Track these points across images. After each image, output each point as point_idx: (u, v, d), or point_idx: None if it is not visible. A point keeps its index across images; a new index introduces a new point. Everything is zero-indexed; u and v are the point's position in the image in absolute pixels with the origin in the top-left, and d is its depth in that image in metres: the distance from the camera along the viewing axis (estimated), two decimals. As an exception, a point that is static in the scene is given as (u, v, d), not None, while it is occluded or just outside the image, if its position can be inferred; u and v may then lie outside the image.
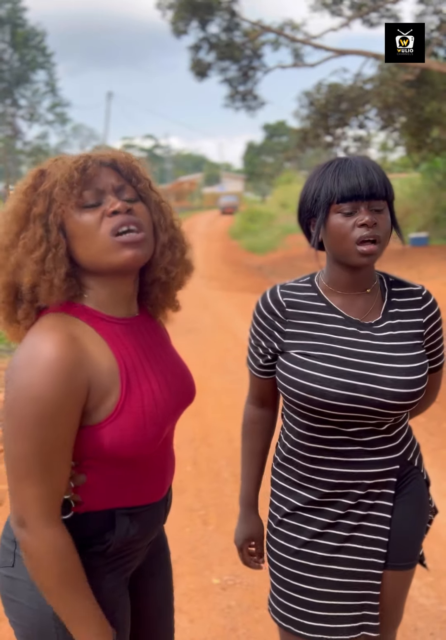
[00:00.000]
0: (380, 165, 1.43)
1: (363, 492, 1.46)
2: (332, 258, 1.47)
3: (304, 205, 1.47)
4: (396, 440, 1.49)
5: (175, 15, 15.97)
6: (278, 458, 1.59)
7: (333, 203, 1.39)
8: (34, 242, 1.14)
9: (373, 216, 1.37)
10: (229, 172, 74.62)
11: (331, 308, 1.47)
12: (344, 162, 1.40)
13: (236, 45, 16.28)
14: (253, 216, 30.85)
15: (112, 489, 1.23)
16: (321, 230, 1.44)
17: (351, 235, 1.38)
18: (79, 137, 56.11)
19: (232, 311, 9.55)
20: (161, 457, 1.32)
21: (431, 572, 2.90)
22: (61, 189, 1.14)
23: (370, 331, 1.45)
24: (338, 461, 1.45)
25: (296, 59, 16.51)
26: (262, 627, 2.55)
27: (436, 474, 3.90)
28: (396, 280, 1.55)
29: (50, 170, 1.18)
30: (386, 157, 30.20)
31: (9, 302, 1.19)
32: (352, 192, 1.36)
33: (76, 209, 1.16)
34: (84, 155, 1.19)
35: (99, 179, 1.18)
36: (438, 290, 9.88)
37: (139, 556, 1.37)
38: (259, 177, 54.33)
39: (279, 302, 1.49)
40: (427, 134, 16.19)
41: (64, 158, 1.20)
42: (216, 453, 4.41)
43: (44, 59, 40.99)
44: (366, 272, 1.47)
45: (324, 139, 16.90)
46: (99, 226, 1.16)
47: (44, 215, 1.15)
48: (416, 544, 1.56)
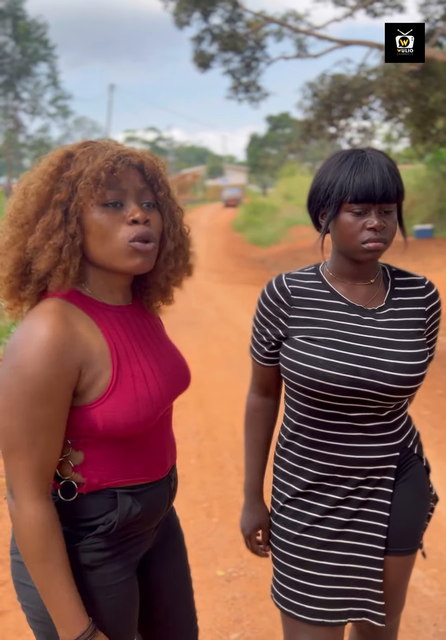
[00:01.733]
0: None
1: (363, 478, 1.48)
2: (337, 249, 1.50)
3: (316, 196, 1.48)
4: (397, 427, 1.51)
5: (177, 6, 15.90)
6: (280, 445, 1.61)
7: (345, 201, 1.40)
8: (53, 227, 1.17)
9: (382, 219, 1.40)
10: (233, 165, 74.47)
11: (335, 295, 1.50)
12: (361, 160, 1.40)
13: (238, 36, 16.21)
14: (257, 209, 30.81)
15: (112, 465, 1.25)
16: (330, 224, 1.47)
17: (359, 236, 1.41)
18: (81, 130, 56.02)
19: (235, 304, 9.55)
20: (158, 437, 1.35)
21: (435, 564, 2.91)
22: (86, 183, 1.16)
23: (373, 317, 1.48)
24: (338, 446, 1.47)
25: (300, 49, 16.44)
26: (266, 618, 2.56)
27: (441, 466, 3.90)
28: (399, 271, 1.59)
29: (77, 157, 1.19)
30: (391, 149, 30.09)
31: (16, 276, 1.21)
32: (366, 195, 1.38)
33: (96, 206, 1.18)
34: (114, 153, 1.19)
35: (124, 179, 1.20)
36: (442, 281, 9.84)
37: (147, 539, 1.38)
38: (263, 169, 54.20)
39: (284, 289, 1.52)
40: (432, 125, 16.11)
41: (95, 148, 1.21)
42: (220, 446, 4.42)
43: (45, 51, 40.87)
44: (369, 264, 1.50)
45: (328, 130, 16.84)
46: (118, 230, 1.19)
47: (65, 203, 1.17)
48: (417, 529, 1.57)
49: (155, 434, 1.33)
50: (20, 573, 1.28)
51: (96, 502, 1.25)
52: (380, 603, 1.51)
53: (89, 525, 1.25)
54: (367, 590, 1.51)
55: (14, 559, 1.30)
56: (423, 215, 17.57)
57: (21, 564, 1.26)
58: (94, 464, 1.24)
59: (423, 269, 11.02)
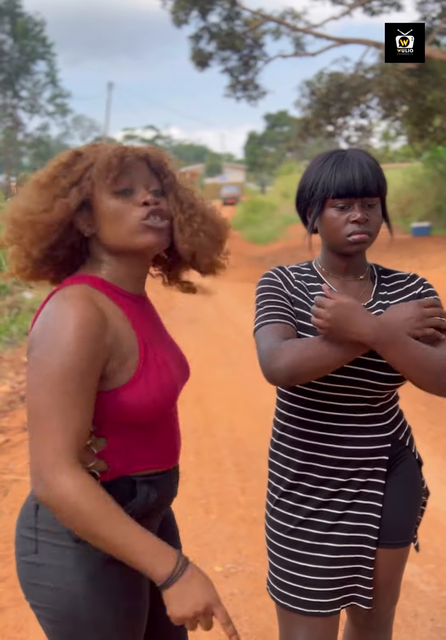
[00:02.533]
0: (380, 156, 1.47)
1: (355, 469, 1.51)
2: (326, 245, 1.57)
3: (302, 195, 1.55)
4: (388, 419, 1.54)
5: (175, 4, 15.90)
6: (274, 438, 1.63)
7: (328, 198, 1.47)
8: (68, 197, 1.25)
9: (365, 212, 1.46)
10: (231, 163, 74.42)
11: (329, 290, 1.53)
12: (341, 158, 1.47)
13: (236, 35, 16.22)
14: (255, 207, 30.81)
15: (132, 452, 1.28)
16: (316, 220, 1.53)
17: (343, 229, 1.47)
18: (80, 129, 55.96)
19: (234, 302, 9.56)
20: (171, 425, 1.40)
21: (432, 559, 2.93)
22: (98, 169, 1.25)
23: None
24: (329, 437, 1.50)
25: (297, 48, 16.46)
26: (264, 614, 2.58)
27: (437, 462, 3.93)
28: (385, 270, 1.65)
29: (87, 154, 1.29)
30: (388, 146, 30.11)
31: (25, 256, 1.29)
32: (347, 189, 1.44)
33: (108, 194, 1.27)
34: (122, 146, 1.29)
35: (133, 169, 1.29)
36: (439, 279, 9.89)
37: (154, 530, 1.39)
38: (261, 168, 54.18)
39: (288, 272, 1.58)
40: (429, 123, 16.13)
41: (103, 145, 1.32)
42: (218, 443, 4.44)
43: (44, 49, 40.78)
44: (357, 260, 1.55)
45: (326, 129, 16.88)
46: (130, 212, 1.27)
47: (75, 183, 1.26)
48: (409, 522, 1.60)
49: (169, 421, 1.38)
50: (34, 574, 1.27)
51: (116, 490, 1.24)
52: (367, 588, 1.54)
53: None
54: (357, 576, 1.54)
55: (23, 561, 1.29)
56: (420, 213, 17.59)
57: (34, 565, 1.26)
58: (116, 450, 1.26)
59: (420, 267, 11.05)
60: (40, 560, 1.26)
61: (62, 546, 1.25)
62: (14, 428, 4.84)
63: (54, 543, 1.25)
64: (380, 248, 1.86)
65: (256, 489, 3.58)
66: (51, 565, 1.24)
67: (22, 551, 1.29)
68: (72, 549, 1.24)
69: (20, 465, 4.16)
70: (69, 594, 1.23)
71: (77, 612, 1.24)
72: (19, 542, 1.30)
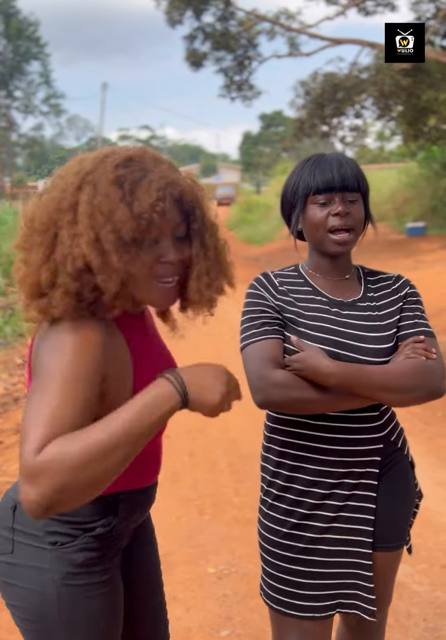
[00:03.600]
0: (375, 156, 1.50)
1: (346, 470, 1.50)
2: (312, 247, 1.60)
3: (286, 198, 1.61)
4: (380, 420, 1.54)
5: (169, 5, 15.88)
6: (264, 442, 1.63)
7: (309, 195, 1.53)
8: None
9: (346, 206, 1.50)
10: (226, 163, 74.42)
11: (316, 291, 1.59)
12: (320, 158, 1.55)
13: (231, 35, 16.21)
14: (250, 207, 30.82)
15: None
16: (300, 220, 1.57)
17: (325, 223, 1.51)
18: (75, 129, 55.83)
19: (230, 302, 9.54)
20: (156, 443, 1.38)
21: (424, 560, 2.94)
22: (139, 223, 1.12)
23: (351, 310, 1.56)
24: (320, 437, 1.50)
25: (292, 48, 16.46)
26: (257, 616, 2.58)
27: (431, 463, 3.93)
28: (371, 271, 1.68)
29: (123, 181, 1.14)
30: (383, 146, 30.17)
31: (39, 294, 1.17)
32: (326, 184, 1.50)
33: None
34: (161, 186, 1.15)
35: (167, 216, 1.17)
36: (434, 279, 9.92)
37: (127, 534, 1.40)
38: (256, 168, 54.22)
39: (272, 280, 1.59)
40: (424, 123, 16.16)
41: (132, 171, 1.15)
42: (212, 444, 4.43)
43: (38, 49, 40.69)
44: (343, 260, 1.59)
45: (321, 129, 16.90)
46: (151, 268, 1.18)
47: None
48: (403, 525, 1.60)
49: (154, 440, 1.32)
50: (8, 574, 1.27)
51: (98, 506, 1.25)
52: (370, 597, 1.52)
53: (87, 527, 1.26)
54: (357, 582, 1.53)
55: (0, 561, 1.29)
56: (415, 213, 17.62)
57: (9, 564, 1.27)
58: None
59: (415, 266, 11.07)
60: (16, 560, 1.26)
61: (38, 547, 1.25)
62: (7, 430, 4.83)
63: (30, 544, 1.25)
64: (375, 248, 1.87)
65: (250, 490, 3.57)
66: (26, 566, 1.25)
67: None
68: (48, 550, 1.24)
69: (13, 468, 4.15)
70: (41, 595, 1.23)
71: (49, 613, 1.24)
72: None
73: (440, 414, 4.82)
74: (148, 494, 1.39)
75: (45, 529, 1.25)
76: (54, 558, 1.24)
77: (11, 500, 1.31)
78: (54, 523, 1.24)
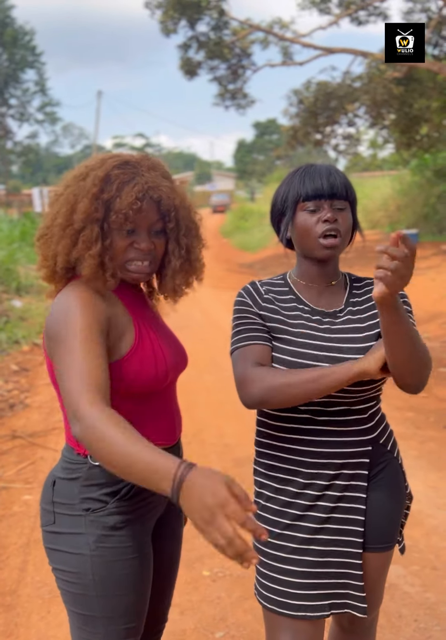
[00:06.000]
0: (368, 164, 1.53)
1: (335, 472, 1.53)
2: (301, 254, 1.63)
3: (275, 207, 1.65)
4: (369, 422, 1.57)
5: (164, 14, 15.93)
6: (255, 446, 1.66)
7: (299, 202, 1.57)
8: (91, 240, 1.41)
9: (334, 213, 1.54)
10: (221, 171, 74.56)
11: (299, 300, 1.62)
12: (309, 167, 1.60)
13: (225, 44, 16.27)
14: (245, 214, 30.89)
15: (133, 426, 1.31)
16: (289, 227, 1.61)
17: (314, 229, 1.55)
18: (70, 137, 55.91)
19: (223, 309, 9.59)
20: (168, 405, 1.56)
21: (416, 561, 2.97)
22: (117, 217, 1.40)
23: (332, 319, 1.59)
24: (311, 441, 1.53)
25: (285, 57, 16.53)
26: (251, 617, 2.61)
27: (423, 466, 3.98)
28: (358, 278, 1.71)
29: (113, 180, 1.41)
30: (376, 154, 30.31)
31: (50, 269, 1.47)
32: (315, 191, 1.54)
33: (117, 230, 1.44)
34: (142, 189, 1.41)
35: (144, 213, 1.43)
36: (427, 285, 10.00)
37: (160, 504, 1.55)
38: (251, 175, 54.34)
39: (258, 288, 1.64)
40: (416, 131, 16.27)
41: (126, 172, 1.42)
42: (207, 449, 4.46)
43: (33, 58, 40.81)
44: (331, 266, 1.62)
45: (314, 137, 16.95)
46: (125, 249, 1.46)
47: (100, 220, 1.41)
48: (393, 526, 1.63)
49: (165, 400, 1.54)
50: (52, 541, 1.46)
51: None
52: (361, 595, 1.55)
53: (113, 490, 1.43)
54: (348, 582, 1.56)
55: (44, 530, 1.48)
56: (408, 220, 17.72)
57: (53, 533, 1.45)
58: None
59: (408, 274, 11.11)
60: (58, 529, 1.46)
61: (74, 515, 1.43)
62: (2, 436, 4.85)
63: (68, 513, 1.44)
64: (369, 256, 1.91)
65: (244, 494, 3.59)
66: (66, 533, 1.44)
67: (43, 522, 1.50)
68: (82, 516, 1.43)
69: (9, 473, 4.17)
70: (78, 557, 1.42)
71: (84, 573, 1.42)
72: (41, 514, 1.51)
73: (432, 419, 4.87)
74: (171, 451, 1.51)
75: (80, 495, 1.43)
76: (88, 522, 1.42)
77: (52, 476, 1.51)
78: (86, 490, 1.42)
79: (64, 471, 1.48)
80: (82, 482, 1.44)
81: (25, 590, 2.89)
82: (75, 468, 1.46)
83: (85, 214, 1.40)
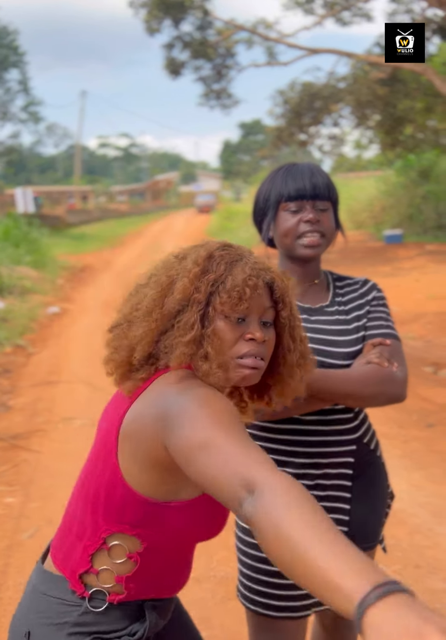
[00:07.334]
0: (353, 164, 1.53)
1: (320, 472, 1.54)
2: (282, 253, 1.63)
3: (258, 206, 1.63)
4: (354, 421, 1.58)
5: (148, 14, 15.89)
6: None
7: (281, 202, 1.56)
8: (189, 326, 1.16)
9: (316, 214, 1.53)
10: (206, 171, 74.56)
11: None
12: (292, 167, 1.58)
13: (209, 44, 16.27)
14: (230, 214, 30.91)
15: (150, 580, 1.23)
16: (271, 227, 1.59)
17: (296, 230, 1.54)
18: (53, 136, 55.58)
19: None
20: (191, 553, 1.34)
21: (398, 560, 2.98)
22: (230, 297, 1.16)
23: (319, 315, 1.60)
24: (296, 441, 1.53)
25: (270, 57, 16.58)
26: (234, 618, 2.60)
27: (406, 465, 4.00)
28: (339, 276, 1.72)
29: (216, 259, 1.20)
30: (361, 155, 30.47)
31: (122, 361, 1.20)
32: (298, 192, 1.53)
33: (223, 316, 1.18)
34: (254, 268, 1.19)
35: (259, 294, 1.19)
36: (411, 285, 10.07)
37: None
38: (236, 176, 54.41)
39: None
40: (400, 132, 16.40)
41: (231, 253, 1.22)
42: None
43: (16, 57, 40.54)
44: (313, 265, 1.63)
45: (299, 137, 17.04)
46: (234, 343, 1.18)
47: (201, 303, 1.17)
48: (377, 525, 1.64)
49: (190, 553, 1.31)
50: None
51: (123, 613, 1.21)
52: None
53: (112, 636, 1.19)
54: None
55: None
56: (393, 220, 17.85)
57: None
58: (138, 576, 1.19)
59: (393, 273, 11.22)
60: None
61: None
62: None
63: None
64: (354, 256, 1.92)
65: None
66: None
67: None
68: None
69: (-9, 476, 4.12)
70: None
71: None
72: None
73: (415, 417, 4.90)
74: (170, 603, 1.34)
75: None
76: None
77: (24, 624, 1.22)
78: (83, 635, 1.17)
79: (45, 615, 1.19)
80: (68, 629, 1.17)
81: (7, 594, 2.86)
82: (64, 611, 1.18)
83: (183, 294, 1.16)
